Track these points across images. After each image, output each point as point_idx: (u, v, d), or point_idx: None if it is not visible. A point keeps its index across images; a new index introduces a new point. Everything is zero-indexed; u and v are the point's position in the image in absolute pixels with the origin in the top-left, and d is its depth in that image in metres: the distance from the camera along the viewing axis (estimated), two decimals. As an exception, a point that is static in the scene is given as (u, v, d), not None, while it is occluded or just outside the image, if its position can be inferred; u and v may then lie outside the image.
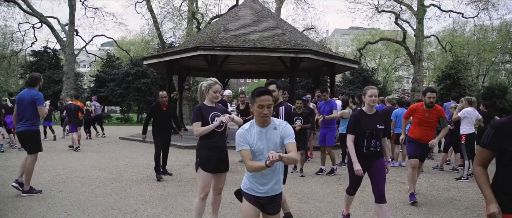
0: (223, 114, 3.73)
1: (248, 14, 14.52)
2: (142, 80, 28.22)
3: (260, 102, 2.52)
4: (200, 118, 3.63)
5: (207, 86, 3.74)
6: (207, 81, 3.78)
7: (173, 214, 4.58)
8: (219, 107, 3.85)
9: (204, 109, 3.69)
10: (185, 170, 7.63)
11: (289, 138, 2.56)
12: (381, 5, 28.23)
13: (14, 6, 26.07)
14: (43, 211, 4.60)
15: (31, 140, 5.54)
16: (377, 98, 4.24)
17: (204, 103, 3.77)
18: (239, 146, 2.57)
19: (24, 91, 5.56)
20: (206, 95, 3.76)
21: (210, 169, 3.63)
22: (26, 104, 5.42)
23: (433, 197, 5.71)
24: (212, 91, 3.71)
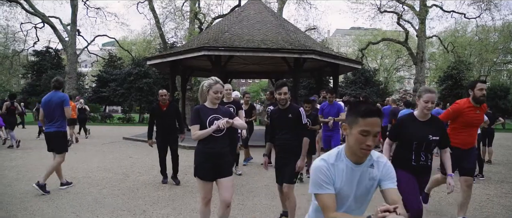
0: (226, 116, 3.41)
1: (251, 14, 14.52)
2: (144, 80, 28.24)
3: (367, 126, 1.68)
4: (197, 120, 3.34)
5: (207, 86, 3.42)
6: (208, 80, 3.47)
7: (182, 215, 4.58)
8: (221, 110, 3.49)
9: (203, 111, 3.38)
10: (190, 170, 7.62)
11: (391, 180, 1.84)
12: (383, 6, 28.23)
13: (17, 6, 26.09)
14: (52, 212, 4.61)
15: (59, 140, 5.83)
16: (434, 104, 3.41)
17: (204, 105, 3.46)
18: (318, 187, 1.78)
19: (51, 94, 5.84)
20: (206, 95, 3.44)
21: (206, 178, 3.39)
22: (54, 106, 5.73)
23: (440, 198, 5.70)
24: (213, 92, 3.38)
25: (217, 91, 3.39)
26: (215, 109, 3.44)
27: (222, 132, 3.37)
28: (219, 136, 3.36)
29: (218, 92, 3.40)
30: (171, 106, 6.44)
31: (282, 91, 3.92)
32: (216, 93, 3.38)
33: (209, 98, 3.42)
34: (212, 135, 3.31)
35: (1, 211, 4.59)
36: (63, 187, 5.86)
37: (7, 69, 36.08)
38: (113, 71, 31.40)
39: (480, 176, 7.20)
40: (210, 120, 3.33)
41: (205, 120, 3.33)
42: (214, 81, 3.41)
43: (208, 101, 3.44)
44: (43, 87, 31.56)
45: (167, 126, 6.37)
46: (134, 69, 28.95)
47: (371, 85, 30.50)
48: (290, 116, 3.95)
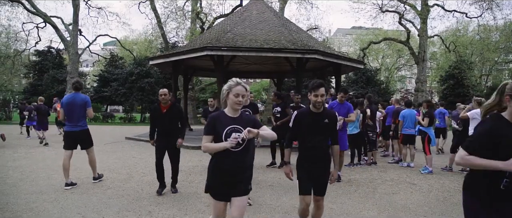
0: (249, 126, 2.81)
1: (254, 14, 14.52)
2: (145, 80, 28.26)
3: None
4: (211, 130, 2.81)
5: (227, 89, 2.85)
6: (229, 81, 2.92)
7: (188, 216, 4.58)
8: (243, 118, 2.91)
9: (220, 120, 2.83)
10: (195, 170, 7.63)
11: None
12: (385, 5, 28.25)
13: (18, 5, 26.16)
14: (57, 213, 4.61)
15: (86, 138, 6.40)
16: None
17: (223, 111, 2.90)
18: None
19: (73, 95, 6.23)
20: (226, 100, 2.88)
21: (220, 197, 2.90)
22: (78, 107, 6.17)
23: (445, 198, 5.69)
24: (233, 95, 2.80)
25: (238, 94, 2.81)
26: (236, 117, 2.87)
27: (241, 146, 2.79)
28: (237, 151, 2.78)
29: (240, 96, 2.80)
30: (173, 109, 5.73)
31: (319, 93, 3.35)
32: (237, 97, 2.80)
33: (229, 103, 2.86)
34: (230, 150, 2.74)
35: (7, 212, 4.59)
36: (67, 188, 5.91)
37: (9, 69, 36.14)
38: (114, 71, 31.42)
39: None
40: (227, 132, 2.77)
41: (221, 131, 2.77)
42: (234, 83, 2.85)
43: (228, 107, 2.88)
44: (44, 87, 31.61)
45: (168, 130, 5.67)
46: (136, 69, 28.97)
47: (372, 85, 30.48)
48: (326, 121, 3.44)
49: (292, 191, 5.94)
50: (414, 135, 8.54)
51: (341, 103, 6.93)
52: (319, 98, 3.36)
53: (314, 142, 3.47)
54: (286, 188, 6.06)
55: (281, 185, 6.33)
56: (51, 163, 8.39)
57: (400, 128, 8.66)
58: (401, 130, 8.62)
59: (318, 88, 3.35)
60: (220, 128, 2.79)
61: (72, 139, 6.26)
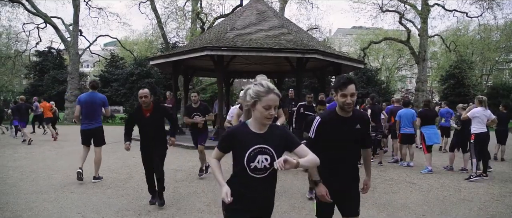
0: (280, 144, 2.20)
1: (254, 14, 14.52)
2: (146, 80, 28.29)
3: None
4: (226, 148, 2.24)
5: (254, 96, 2.12)
6: (254, 85, 2.17)
7: (187, 215, 4.59)
8: (273, 134, 2.21)
9: (241, 137, 2.16)
10: (194, 170, 7.63)
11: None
12: (385, 5, 28.22)
13: (19, 6, 26.15)
14: (57, 212, 4.62)
15: (101, 135, 6.66)
16: None
17: (245, 124, 2.22)
18: None
19: (90, 94, 6.52)
20: (252, 110, 2.18)
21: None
22: (97, 106, 6.52)
23: (444, 197, 5.70)
24: (263, 106, 2.09)
25: (270, 105, 2.09)
26: (263, 134, 2.18)
27: (267, 172, 2.17)
28: (263, 177, 2.17)
29: (272, 108, 2.10)
30: (157, 110, 5.05)
31: (349, 92, 2.57)
32: (268, 110, 2.09)
33: (257, 116, 2.15)
34: (252, 175, 2.14)
35: (7, 211, 4.61)
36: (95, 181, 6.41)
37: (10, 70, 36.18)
38: (115, 71, 31.46)
39: (484, 175, 7.19)
40: (251, 155, 2.12)
41: (242, 152, 2.13)
42: (264, 89, 2.11)
43: (254, 119, 2.19)
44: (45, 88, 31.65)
45: (152, 137, 4.98)
46: (136, 69, 29.01)
47: (373, 85, 30.47)
48: (358, 126, 2.72)
49: (290, 191, 5.95)
50: (413, 134, 8.56)
51: None
52: (348, 98, 2.57)
53: (344, 153, 2.71)
54: (285, 188, 6.07)
55: (280, 185, 6.34)
56: (51, 163, 8.41)
57: (398, 127, 8.68)
58: (399, 130, 8.64)
59: (346, 86, 2.57)
60: (240, 147, 2.14)
61: (88, 136, 6.61)
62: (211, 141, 11.97)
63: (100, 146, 6.66)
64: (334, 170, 2.70)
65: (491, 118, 7.19)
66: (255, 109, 2.13)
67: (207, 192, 5.78)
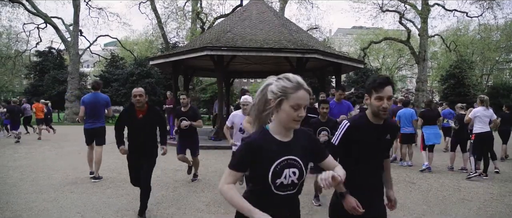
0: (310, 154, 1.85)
1: (254, 14, 14.52)
2: (146, 80, 28.30)
3: None
4: (244, 166, 1.74)
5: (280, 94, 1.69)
6: (278, 79, 1.74)
7: (187, 215, 4.60)
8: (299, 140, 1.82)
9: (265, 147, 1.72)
10: (194, 170, 7.64)
11: None
12: (385, 5, 28.26)
13: (19, 6, 26.20)
14: (57, 212, 4.63)
15: (103, 135, 6.74)
16: None
17: (267, 131, 1.77)
18: None
19: (94, 95, 6.66)
20: (274, 110, 1.73)
21: None
22: (101, 106, 6.67)
23: (444, 197, 5.70)
24: (291, 106, 1.68)
25: (300, 105, 1.68)
26: (289, 141, 1.78)
27: (297, 186, 1.80)
28: (290, 194, 1.79)
29: (302, 108, 1.69)
30: (151, 113, 4.59)
31: (386, 94, 2.19)
32: (298, 110, 1.68)
33: (282, 119, 1.71)
34: (275, 191, 1.74)
35: (7, 211, 4.62)
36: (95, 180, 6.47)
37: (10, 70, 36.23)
38: (115, 71, 31.46)
39: (484, 175, 7.19)
40: (277, 169, 1.71)
41: (267, 167, 1.70)
42: (293, 84, 1.70)
43: (277, 124, 1.75)
44: (45, 88, 31.65)
45: (143, 142, 4.53)
46: (136, 69, 29.01)
47: (373, 85, 30.46)
48: (388, 136, 2.39)
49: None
50: (412, 133, 8.56)
51: (338, 102, 6.71)
52: (385, 102, 2.18)
53: (372, 165, 2.35)
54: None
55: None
56: (51, 163, 8.41)
57: None
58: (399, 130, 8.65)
59: (383, 87, 2.18)
60: (264, 161, 1.70)
61: (91, 135, 6.73)
62: (211, 140, 12.00)
63: (101, 145, 6.74)
64: (361, 183, 2.28)
65: (493, 118, 7.18)
66: (280, 110, 1.69)
67: (207, 192, 5.78)
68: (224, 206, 4.90)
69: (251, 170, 1.74)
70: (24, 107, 15.41)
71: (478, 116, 7.10)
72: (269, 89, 1.71)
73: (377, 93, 2.19)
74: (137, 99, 4.43)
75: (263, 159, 1.69)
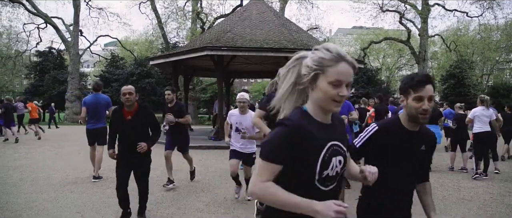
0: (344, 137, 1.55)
1: (254, 14, 14.53)
2: (146, 80, 28.32)
3: None
4: (284, 156, 1.34)
5: (315, 67, 1.37)
6: (314, 51, 1.43)
7: (187, 215, 4.60)
8: (338, 124, 1.53)
9: (307, 133, 1.34)
10: (194, 170, 7.64)
11: None
12: (385, 5, 28.27)
13: (19, 6, 26.23)
14: (57, 212, 4.64)
15: (104, 135, 6.59)
16: None
17: (306, 112, 1.42)
18: None
19: (95, 96, 6.74)
20: (311, 88, 1.41)
21: None
22: (101, 107, 6.75)
23: (444, 197, 5.70)
24: (330, 82, 1.35)
25: (340, 82, 1.35)
26: (330, 124, 1.46)
27: (337, 179, 1.48)
28: (332, 189, 1.46)
29: (342, 86, 1.36)
30: (141, 114, 4.23)
31: (427, 94, 1.87)
32: (338, 87, 1.35)
33: (318, 98, 1.38)
34: (320, 187, 1.40)
35: (7, 211, 4.62)
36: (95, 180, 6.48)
37: (10, 70, 36.23)
38: (115, 71, 31.48)
39: (484, 175, 7.19)
40: (326, 158, 1.38)
41: (314, 155, 1.36)
42: (333, 55, 1.37)
43: (314, 105, 1.42)
44: (45, 88, 31.65)
45: (132, 143, 4.11)
46: (137, 69, 29.04)
47: (373, 85, 30.46)
48: (423, 148, 2.03)
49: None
50: None
51: None
52: (425, 103, 1.86)
53: (404, 180, 2.01)
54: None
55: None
56: (51, 163, 8.42)
57: None
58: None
59: (424, 86, 1.87)
60: (309, 148, 1.34)
61: (93, 135, 6.79)
62: (211, 140, 12.00)
63: (102, 145, 6.75)
64: (391, 203, 2.00)
65: (492, 117, 7.17)
66: (316, 87, 1.36)
67: (207, 192, 5.79)
68: (224, 206, 4.91)
69: (290, 161, 1.33)
70: (16, 105, 15.52)
71: (477, 115, 7.09)
72: (303, 62, 1.41)
73: (416, 93, 1.88)
74: (126, 98, 4.08)
75: (309, 145, 1.34)
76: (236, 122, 4.98)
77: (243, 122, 4.89)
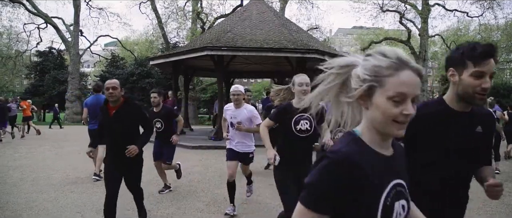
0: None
1: (254, 14, 14.54)
2: (146, 80, 28.34)
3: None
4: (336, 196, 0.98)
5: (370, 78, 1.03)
6: (366, 58, 1.08)
7: (187, 215, 4.60)
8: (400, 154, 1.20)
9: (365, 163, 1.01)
10: (194, 170, 7.63)
11: None
12: (385, 5, 28.26)
13: (20, 6, 26.25)
14: (57, 212, 4.64)
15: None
16: None
17: (360, 139, 1.08)
18: None
19: (96, 97, 6.78)
20: (364, 106, 1.08)
21: None
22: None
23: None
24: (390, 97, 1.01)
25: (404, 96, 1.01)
26: (392, 156, 1.12)
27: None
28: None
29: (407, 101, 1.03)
30: (126, 109, 3.74)
31: (490, 70, 1.58)
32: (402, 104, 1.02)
33: (375, 119, 1.05)
34: None
35: (7, 211, 4.63)
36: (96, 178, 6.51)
37: (10, 70, 36.18)
38: (115, 71, 31.52)
39: None
40: (389, 202, 1.04)
41: (374, 197, 1.03)
42: (393, 61, 1.04)
43: (369, 126, 1.09)
44: (46, 88, 31.67)
45: (120, 142, 3.65)
46: (137, 69, 29.07)
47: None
48: (479, 129, 1.73)
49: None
50: None
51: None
52: (487, 81, 1.58)
53: (456, 167, 1.72)
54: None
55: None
56: (51, 163, 8.42)
57: None
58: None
59: (487, 59, 1.56)
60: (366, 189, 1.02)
61: (94, 136, 6.68)
62: (212, 140, 11.99)
63: (103, 144, 6.79)
64: (439, 195, 1.73)
65: None
66: (371, 105, 1.05)
67: (206, 192, 5.79)
68: (224, 206, 4.91)
69: (341, 207, 0.99)
70: (9, 106, 15.57)
71: None
72: (353, 73, 1.08)
73: (476, 67, 1.54)
74: (110, 93, 3.60)
75: (364, 187, 0.99)
76: (231, 116, 4.66)
77: (238, 116, 4.56)
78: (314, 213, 0.98)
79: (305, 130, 3.20)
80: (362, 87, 1.04)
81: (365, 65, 1.05)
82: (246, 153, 4.68)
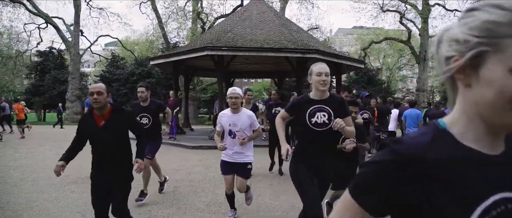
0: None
1: (254, 14, 14.54)
2: (146, 80, 28.30)
3: None
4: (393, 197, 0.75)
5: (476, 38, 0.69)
6: (473, 10, 0.72)
7: (187, 215, 4.61)
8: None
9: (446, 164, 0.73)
10: (194, 170, 7.65)
11: None
12: (385, 5, 28.28)
13: (20, 6, 26.29)
14: (58, 212, 4.65)
15: None
16: None
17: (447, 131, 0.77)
18: None
19: None
20: (463, 83, 0.74)
21: None
22: None
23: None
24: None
25: None
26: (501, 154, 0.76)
27: None
28: None
29: None
30: (118, 118, 3.23)
31: None
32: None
33: (483, 97, 0.70)
34: None
35: (8, 211, 4.63)
36: None
37: (11, 70, 36.21)
38: (115, 71, 31.52)
39: None
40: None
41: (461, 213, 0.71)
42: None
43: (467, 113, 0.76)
44: (46, 88, 31.69)
45: (109, 158, 3.23)
46: (137, 69, 29.08)
47: (373, 85, 30.49)
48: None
49: (291, 190, 5.96)
50: None
51: None
52: None
53: None
54: (285, 188, 6.08)
55: (280, 185, 6.35)
56: (52, 163, 8.38)
57: (404, 127, 8.72)
58: (405, 130, 8.68)
59: None
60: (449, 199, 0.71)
61: None
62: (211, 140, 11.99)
63: None
64: None
65: None
66: (477, 80, 0.71)
67: (207, 192, 5.79)
68: (224, 206, 4.91)
69: (404, 212, 0.77)
70: (3, 106, 15.64)
71: None
72: (445, 36, 0.76)
73: None
74: (94, 98, 3.06)
75: (437, 195, 0.72)
76: (229, 123, 4.08)
77: (238, 122, 4.04)
78: (358, 205, 0.79)
79: (322, 123, 2.96)
80: (466, 55, 0.71)
81: (470, 22, 0.72)
82: (244, 163, 4.17)
